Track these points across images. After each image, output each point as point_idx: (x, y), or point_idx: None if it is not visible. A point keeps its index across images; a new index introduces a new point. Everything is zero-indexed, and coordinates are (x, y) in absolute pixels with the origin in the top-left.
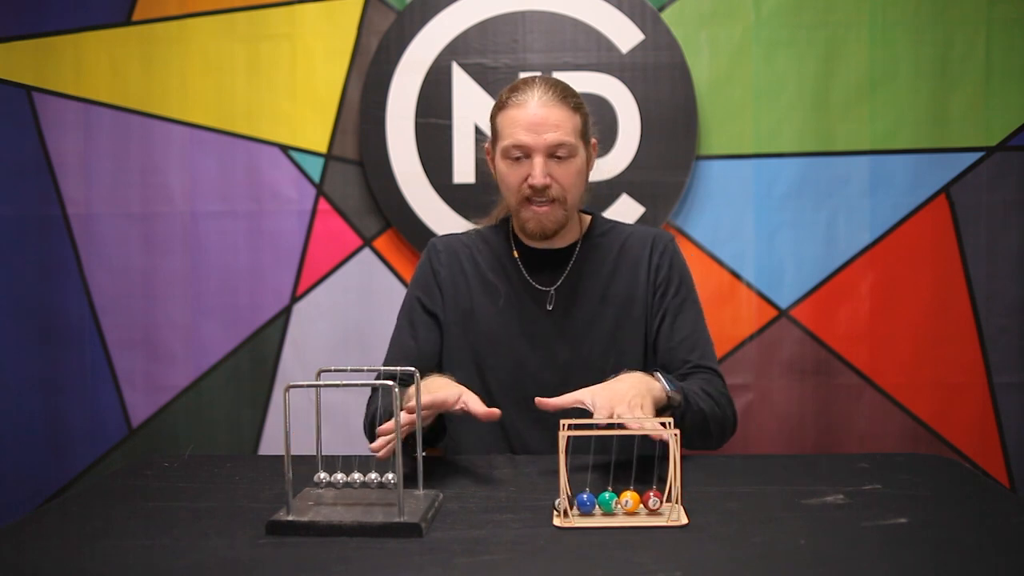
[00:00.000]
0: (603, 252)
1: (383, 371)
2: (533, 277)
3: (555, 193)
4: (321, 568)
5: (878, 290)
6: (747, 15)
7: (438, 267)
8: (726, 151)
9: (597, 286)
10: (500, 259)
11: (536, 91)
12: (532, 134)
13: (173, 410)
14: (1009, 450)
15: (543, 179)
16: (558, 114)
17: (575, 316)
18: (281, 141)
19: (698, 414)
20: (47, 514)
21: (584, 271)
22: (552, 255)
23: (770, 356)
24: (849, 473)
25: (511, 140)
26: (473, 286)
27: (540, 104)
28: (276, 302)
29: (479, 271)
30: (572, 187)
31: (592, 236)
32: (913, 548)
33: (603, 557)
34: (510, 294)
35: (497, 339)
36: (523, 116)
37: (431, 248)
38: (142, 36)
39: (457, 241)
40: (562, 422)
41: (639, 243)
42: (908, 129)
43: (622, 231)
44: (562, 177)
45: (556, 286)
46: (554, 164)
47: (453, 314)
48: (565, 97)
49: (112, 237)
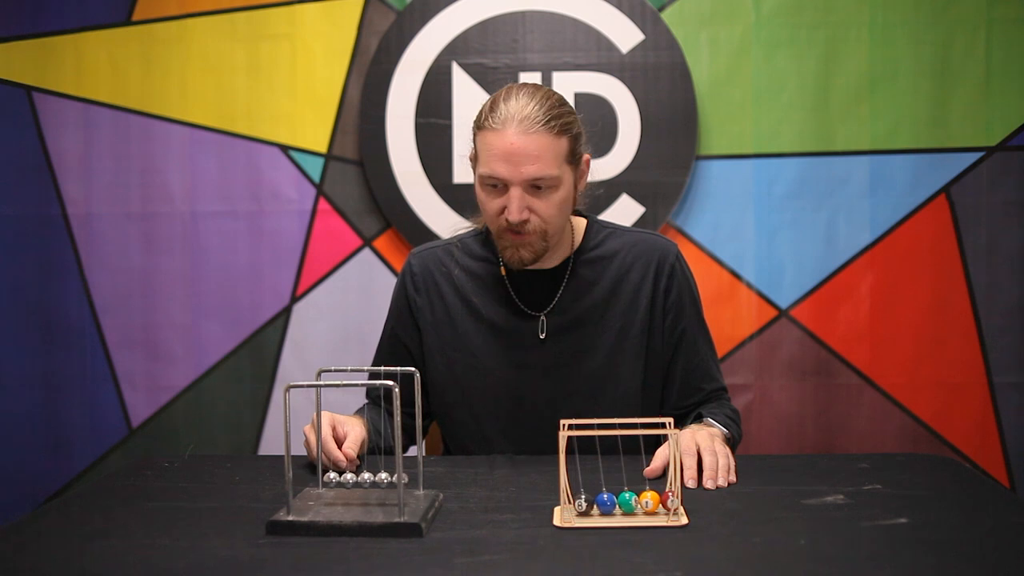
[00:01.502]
0: (599, 269)
1: (382, 371)
2: (522, 300)
3: (533, 227)
4: (321, 568)
5: (878, 290)
6: (747, 15)
7: (413, 294)
8: (726, 151)
9: (593, 309)
10: (485, 278)
11: (516, 114)
12: (509, 166)
13: (173, 410)
14: (1009, 450)
15: (519, 215)
16: (538, 143)
17: (569, 343)
18: (281, 141)
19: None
20: (47, 514)
21: (578, 292)
22: (543, 274)
23: (770, 356)
24: (849, 473)
25: (487, 169)
26: (455, 313)
27: (518, 132)
28: (276, 302)
29: (461, 295)
30: (553, 219)
31: (586, 250)
32: (913, 548)
33: (603, 557)
34: (496, 320)
35: (485, 369)
36: (500, 145)
37: (406, 270)
38: (142, 36)
39: (435, 259)
40: (562, 422)
41: (642, 260)
42: (908, 129)
43: (619, 240)
44: (542, 210)
45: (547, 311)
46: (533, 196)
47: (434, 342)
48: (548, 121)
49: (112, 237)
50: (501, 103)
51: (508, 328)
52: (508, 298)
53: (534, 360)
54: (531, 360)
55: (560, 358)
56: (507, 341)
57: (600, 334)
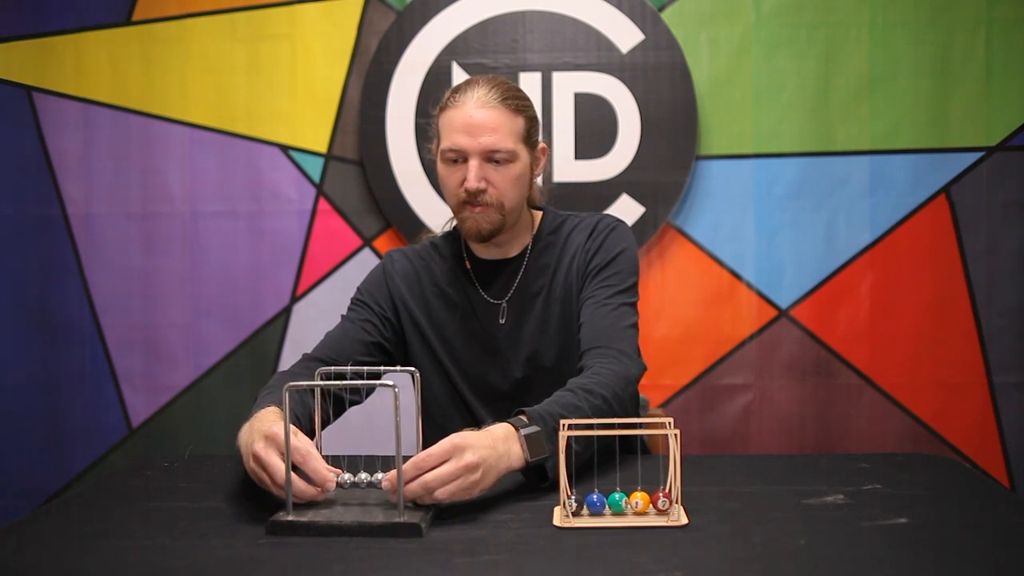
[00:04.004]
0: (549, 253)
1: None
2: (486, 290)
3: (490, 198)
4: (321, 568)
5: (878, 290)
6: (747, 15)
7: (391, 273)
8: (726, 151)
9: (543, 289)
10: (454, 271)
11: (475, 92)
12: (467, 137)
13: (173, 410)
14: (1009, 450)
15: (477, 183)
16: (496, 117)
17: (527, 325)
18: (281, 141)
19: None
20: (47, 514)
21: (532, 277)
22: (503, 265)
23: (770, 356)
24: (849, 473)
25: (448, 143)
26: (431, 299)
27: (477, 105)
28: (276, 302)
29: (436, 284)
30: (509, 192)
31: (541, 237)
32: (913, 548)
33: (603, 557)
34: (466, 309)
35: (458, 353)
36: (459, 118)
37: (386, 259)
38: (142, 36)
39: (413, 254)
40: (562, 422)
41: (580, 233)
42: (908, 129)
43: (570, 224)
44: (499, 182)
45: (507, 298)
46: (490, 168)
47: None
48: (506, 99)
49: (112, 237)
50: (464, 87)
51: (474, 315)
52: (474, 288)
53: (497, 344)
54: (495, 344)
55: (519, 340)
56: (474, 327)
57: (550, 309)
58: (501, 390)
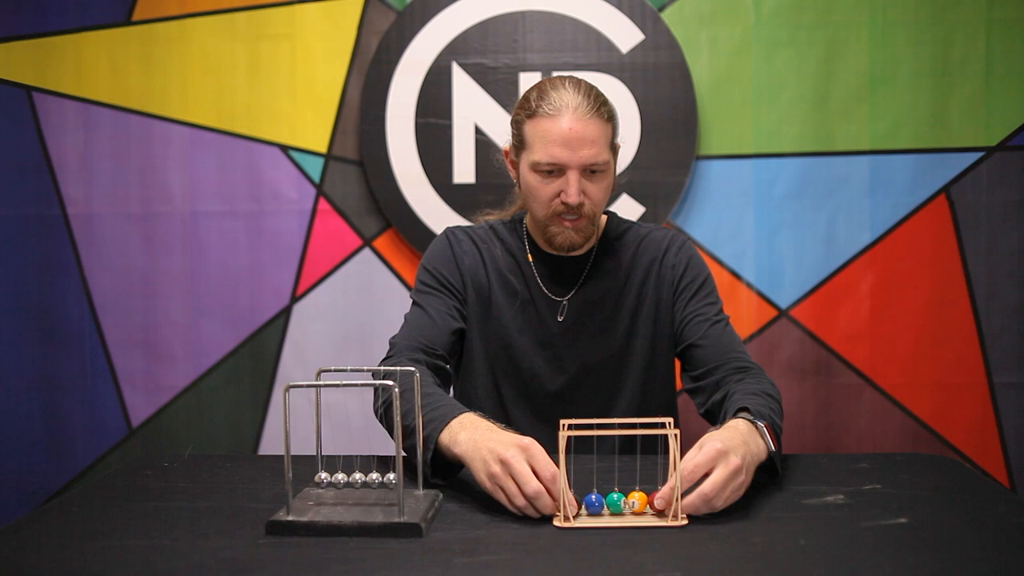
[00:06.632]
0: (618, 258)
1: (382, 371)
2: (547, 285)
3: (587, 210)
4: (321, 568)
5: (878, 290)
6: (747, 15)
7: (460, 252)
8: (726, 151)
9: (610, 295)
10: (516, 260)
11: (569, 100)
12: (567, 151)
13: (173, 410)
14: (1009, 450)
15: (578, 198)
16: (594, 129)
17: (586, 326)
18: (281, 141)
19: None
20: (47, 514)
21: (598, 280)
22: (567, 262)
23: (770, 356)
24: (849, 473)
25: (545, 156)
26: (493, 280)
27: (575, 118)
28: (276, 302)
29: (497, 267)
30: (602, 201)
31: (608, 240)
32: (913, 548)
33: (603, 557)
34: (526, 299)
35: (511, 343)
36: (557, 130)
37: (449, 234)
38: (142, 36)
39: (473, 233)
40: (562, 422)
41: (653, 246)
42: (908, 129)
43: (637, 233)
44: (593, 193)
45: (569, 296)
46: (587, 180)
47: (474, 304)
48: (599, 108)
49: (112, 237)
50: (551, 91)
51: (533, 307)
52: (535, 282)
53: (552, 340)
54: (549, 339)
55: (576, 340)
56: (531, 320)
57: (616, 317)
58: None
